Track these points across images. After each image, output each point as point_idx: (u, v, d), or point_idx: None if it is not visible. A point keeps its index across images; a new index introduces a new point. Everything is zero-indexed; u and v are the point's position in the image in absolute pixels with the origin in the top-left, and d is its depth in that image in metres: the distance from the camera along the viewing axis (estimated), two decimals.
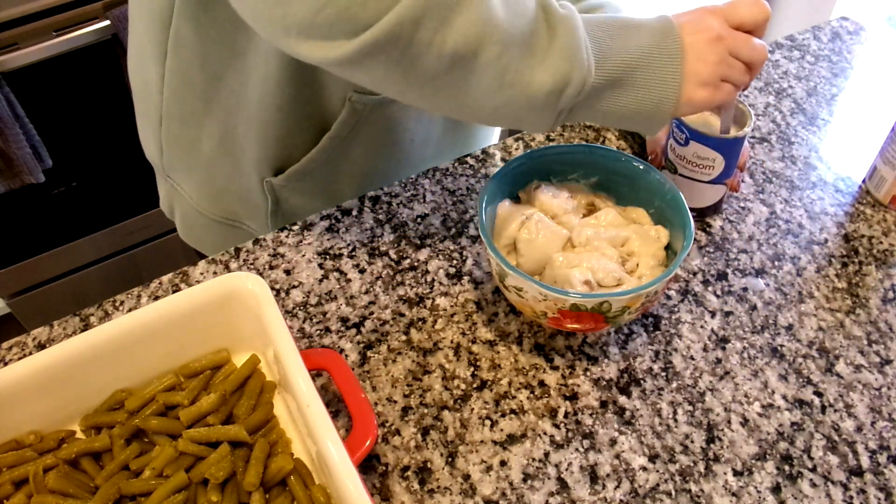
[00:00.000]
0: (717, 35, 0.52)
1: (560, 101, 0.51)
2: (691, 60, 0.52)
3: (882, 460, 0.54)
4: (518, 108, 0.51)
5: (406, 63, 0.48)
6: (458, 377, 0.59)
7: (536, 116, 0.52)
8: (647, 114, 0.54)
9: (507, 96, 0.50)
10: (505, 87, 0.50)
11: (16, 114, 1.21)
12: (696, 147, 0.65)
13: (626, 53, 0.51)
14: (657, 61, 0.52)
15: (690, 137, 0.65)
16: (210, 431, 0.50)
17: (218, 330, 0.56)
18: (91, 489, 0.49)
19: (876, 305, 0.65)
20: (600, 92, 0.52)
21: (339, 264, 0.68)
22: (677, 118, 0.64)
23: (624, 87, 0.52)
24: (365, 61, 0.48)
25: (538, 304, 0.54)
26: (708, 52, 0.52)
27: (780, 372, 0.60)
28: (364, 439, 0.49)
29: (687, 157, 0.67)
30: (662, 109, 0.53)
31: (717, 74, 0.53)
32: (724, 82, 0.54)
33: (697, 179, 0.68)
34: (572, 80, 0.50)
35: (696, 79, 0.53)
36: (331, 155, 0.72)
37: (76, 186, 1.40)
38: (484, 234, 0.56)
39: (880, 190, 0.74)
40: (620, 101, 0.53)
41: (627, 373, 0.60)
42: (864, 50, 0.96)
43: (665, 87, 0.52)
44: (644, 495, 0.52)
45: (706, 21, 0.53)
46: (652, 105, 0.53)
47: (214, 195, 0.81)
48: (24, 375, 0.50)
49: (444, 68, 0.49)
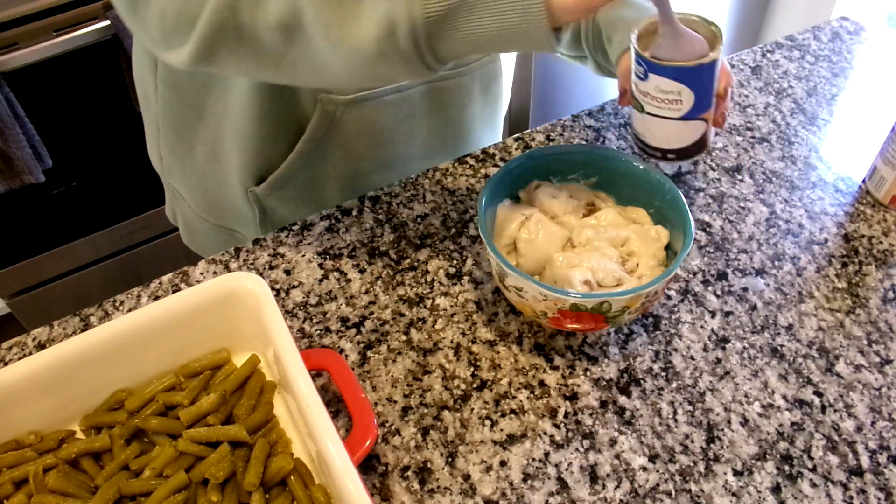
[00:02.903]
0: None
1: (398, 45, 0.45)
2: None
3: (882, 460, 0.54)
4: (365, 63, 0.47)
5: (247, 46, 0.48)
6: (458, 377, 0.59)
7: (394, 67, 0.47)
8: (517, 31, 0.45)
9: (345, 54, 0.47)
10: (337, 45, 0.46)
11: (16, 114, 1.21)
12: (657, 80, 0.57)
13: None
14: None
15: (648, 70, 0.57)
16: (210, 431, 0.50)
17: (218, 330, 0.56)
18: (91, 489, 0.49)
19: (876, 305, 0.65)
20: (444, 22, 0.45)
21: (339, 264, 0.68)
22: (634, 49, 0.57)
23: (470, 8, 0.44)
24: (211, 55, 0.49)
25: (538, 304, 0.54)
26: None
27: (780, 372, 0.60)
28: (364, 439, 0.49)
29: (650, 93, 0.58)
30: (533, 22, 0.44)
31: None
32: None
33: (666, 117, 0.59)
34: (397, 20, 0.44)
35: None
36: (309, 159, 0.72)
37: (76, 186, 1.40)
38: (484, 234, 0.56)
39: (880, 190, 0.74)
40: (475, 24, 0.45)
41: (627, 373, 0.60)
42: (864, 50, 0.96)
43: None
44: (644, 495, 0.52)
45: None
46: (517, 19, 0.44)
47: (210, 203, 0.81)
48: (24, 375, 0.50)
49: (281, 41, 0.47)
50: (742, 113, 0.86)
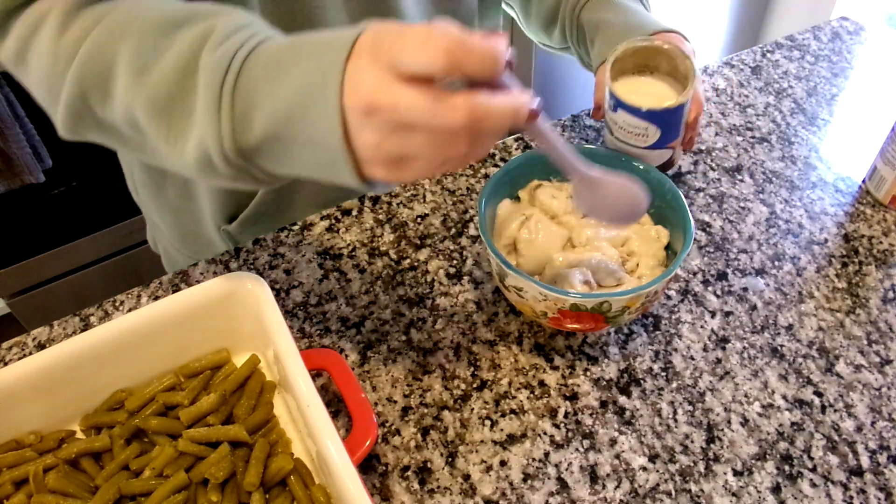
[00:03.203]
0: (368, 105, 0.36)
1: (216, 167, 0.43)
2: (352, 134, 0.38)
3: (882, 460, 0.54)
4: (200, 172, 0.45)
5: (107, 132, 0.48)
6: (458, 377, 0.59)
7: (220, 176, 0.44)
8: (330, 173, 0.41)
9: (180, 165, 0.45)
10: (171, 152, 0.45)
11: (16, 114, 1.21)
12: (625, 116, 0.59)
13: (276, 104, 0.40)
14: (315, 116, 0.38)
15: (617, 105, 0.59)
16: (210, 431, 0.50)
17: (218, 330, 0.56)
18: (91, 489, 0.49)
19: (876, 305, 0.65)
20: (258, 152, 0.42)
21: (339, 264, 0.68)
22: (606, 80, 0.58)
23: (283, 144, 0.41)
24: (80, 135, 0.49)
25: (538, 304, 0.54)
26: (363, 128, 0.37)
27: (780, 372, 0.60)
28: (364, 439, 0.49)
29: (618, 124, 0.61)
30: (343, 173, 0.40)
31: (385, 155, 0.38)
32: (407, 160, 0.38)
33: (633, 145, 0.62)
34: (209, 147, 0.41)
35: (363, 158, 0.39)
36: (279, 194, 0.71)
37: (76, 186, 1.40)
38: (484, 234, 0.56)
39: (880, 190, 0.74)
40: (290, 159, 0.42)
41: (627, 373, 0.60)
42: (864, 50, 0.96)
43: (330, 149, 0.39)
44: (644, 495, 0.52)
45: (362, 78, 0.36)
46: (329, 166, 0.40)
47: (186, 236, 0.81)
48: (24, 375, 0.50)
49: (135, 135, 0.46)
50: (742, 113, 0.86)
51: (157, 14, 0.44)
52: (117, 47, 0.44)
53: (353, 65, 0.37)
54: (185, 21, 0.44)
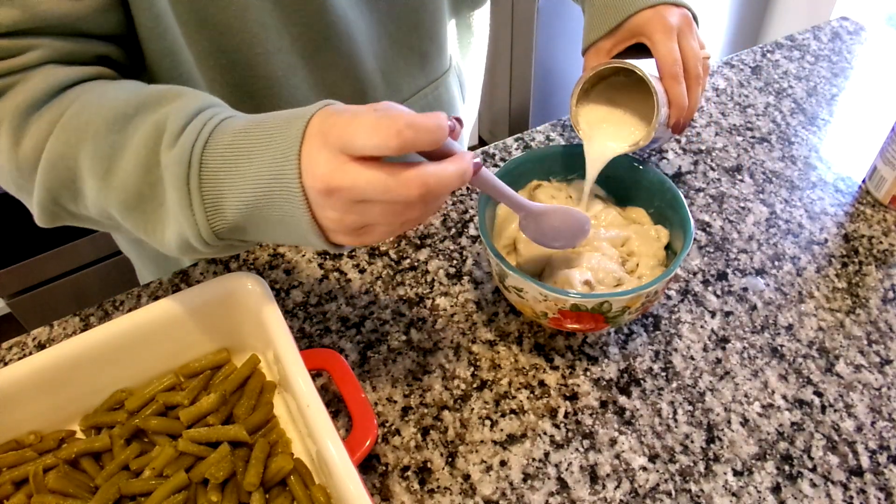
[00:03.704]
0: (326, 188, 0.39)
1: (198, 251, 0.45)
2: (315, 209, 0.41)
3: (882, 460, 0.54)
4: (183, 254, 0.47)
5: (84, 221, 0.50)
6: (458, 377, 0.59)
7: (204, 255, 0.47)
8: (303, 243, 0.45)
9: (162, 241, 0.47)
10: (152, 241, 0.47)
11: None
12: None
13: (243, 193, 0.42)
14: (280, 198, 0.41)
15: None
16: (210, 431, 0.50)
17: (218, 330, 0.56)
18: (91, 489, 0.49)
19: (876, 305, 0.65)
20: (235, 233, 0.44)
21: (339, 264, 0.68)
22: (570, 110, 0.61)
23: (257, 225, 0.43)
24: (55, 224, 0.51)
25: (538, 305, 0.54)
26: (324, 206, 0.40)
27: (780, 372, 0.60)
28: (364, 439, 0.49)
29: None
30: (315, 244, 0.43)
31: (348, 226, 0.41)
32: (368, 227, 0.42)
33: None
34: (188, 236, 0.44)
35: (328, 229, 0.42)
36: None
37: None
38: (484, 234, 0.56)
39: (880, 190, 0.74)
40: (265, 236, 0.45)
41: (627, 373, 0.60)
42: (864, 50, 0.96)
43: (300, 226, 0.42)
44: (644, 495, 0.52)
45: (316, 162, 0.39)
46: (301, 239, 0.44)
47: None
48: (24, 375, 0.50)
49: (111, 223, 0.49)
50: (742, 113, 0.86)
51: (107, 111, 0.45)
52: (76, 153, 0.45)
53: (306, 150, 0.40)
54: (135, 112, 0.45)
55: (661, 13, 0.59)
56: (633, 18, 0.60)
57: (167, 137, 0.43)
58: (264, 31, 0.57)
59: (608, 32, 0.61)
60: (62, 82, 0.47)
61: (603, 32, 0.61)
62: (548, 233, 0.55)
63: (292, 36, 0.59)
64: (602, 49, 0.63)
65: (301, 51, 0.61)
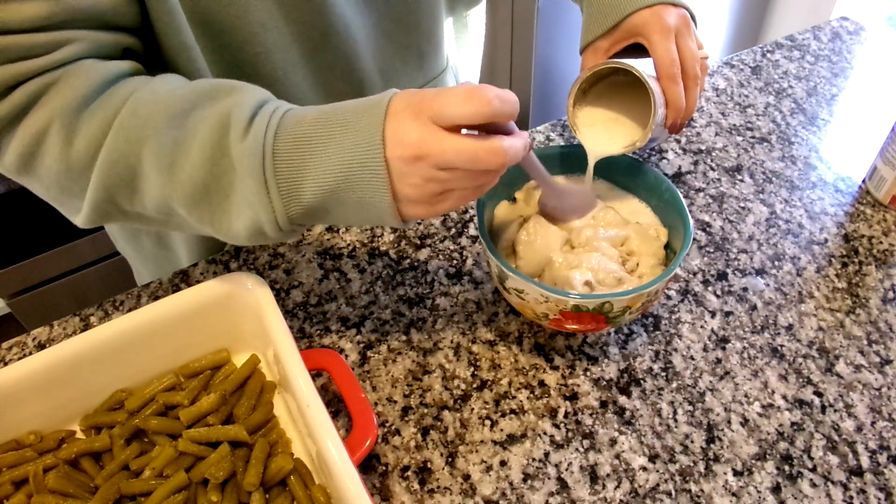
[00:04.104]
0: (415, 154, 0.42)
1: (268, 237, 0.47)
2: (396, 181, 0.44)
3: (882, 460, 0.54)
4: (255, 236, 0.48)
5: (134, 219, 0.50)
6: (458, 377, 0.59)
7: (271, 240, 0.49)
8: (374, 222, 0.48)
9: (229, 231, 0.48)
10: (216, 232, 0.48)
11: None
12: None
13: (323, 178, 0.44)
14: (362, 179, 0.44)
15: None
16: (210, 431, 0.50)
17: (218, 330, 0.56)
18: (91, 489, 0.49)
19: (876, 305, 0.65)
20: (308, 218, 0.47)
21: (339, 264, 0.68)
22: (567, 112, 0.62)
23: (332, 209, 0.46)
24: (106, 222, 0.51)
25: (539, 306, 0.54)
26: (409, 174, 0.43)
27: (780, 372, 0.60)
28: (364, 439, 0.49)
29: None
30: (387, 221, 0.46)
31: (428, 193, 0.44)
32: (445, 193, 0.45)
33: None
34: (262, 223, 0.46)
35: (406, 199, 0.45)
36: None
37: None
38: (483, 237, 0.56)
39: (880, 190, 0.74)
40: (338, 218, 0.47)
41: (627, 373, 0.60)
42: (864, 50, 0.96)
43: (378, 205, 0.45)
44: (644, 495, 0.52)
45: (407, 132, 0.42)
46: (375, 218, 0.46)
47: None
48: (24, 375, 0.50)
49: (164, 221, 0.50)
50: (742, 113, 0.86)
51: (165, 107, 0.46)
52: (139, 150, 0.45)
53: (391, 126, 0.43)
54: (193, 107, 0.46)
55: (659, 13, 0.59)
56: (630, 18, 0.60)
57: (235, 130, 0.44)
58: (264, 31, 0.57)
59: (606, 32, 0.61)
60: (106, 78, 0.47)
61: (600, 32, 0.62)
62: (566, 208, 0.60)
63: (292, 35, 0.59)
64: (600, 49, 0.63)
65: (300, 49, 0.61)
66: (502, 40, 1.56)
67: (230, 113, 0.45)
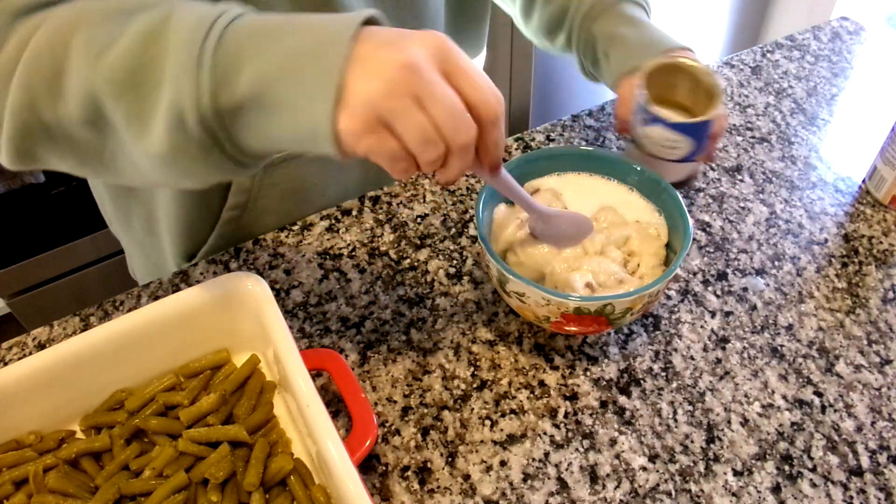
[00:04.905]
0: (410, 63, 0.37)
1: (188, 131, 0.40)
2: (354, 76, 0.37)
3: (882, 460, 0.54)
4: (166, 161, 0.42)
5: (62, 144, 0.44)
6: (458, 377, 0.59)
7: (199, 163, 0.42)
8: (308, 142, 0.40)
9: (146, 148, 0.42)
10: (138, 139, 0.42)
11: None
12: (661, 130, 0.63)
13: (267, 62, 0.38)
14: (307, 72, 0.38)
15: (653, 121, 0.63)
16: (210, 431, 0.50)
17: (218, 330, 0.56)
18: (91, 489, 0.49)
19: (876, 305, 0.65)
20: (232, 116, 0.40)
21: (339, 264, 0.68)
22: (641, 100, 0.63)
23: (265, 106, 0.39)
24: (30, 155, 0.45)
25: (540, 309, 0.54)
26: (385, 72, 0.37)
27: (780, 372, 0.60)
28: (364, 439, 0.49)
29: (652, 138, 0.64)
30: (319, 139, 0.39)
31: (382, 109, 0.37)
32: (386, 130, 0.38)
33: (664, 158, 0.66)
34: (184, 106, 0.39)
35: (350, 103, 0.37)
36: (238, 226, 0.70)
37: (76, 186, 1.40)
38: (483, 240, 0.56)
39: (880, 190, 0.74)
40: (269, 125, 0.40)
41: (627, 373, 0.60)
42: (864, 50, 0.96)
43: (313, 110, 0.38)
44: (644, 495, 0.52)
45: (410, 44, 0.37)
46: (306, 131, 0.39)
47: (153, 272, 0.81)
48: (24, 375, 0.50)
49: (93, 136, 0.43)
50: (742, 113, 0.86)
51: (107, 6, 0.42)
52: (67, 41, 0.41)
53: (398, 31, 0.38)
54: (141, 9, 0.42)
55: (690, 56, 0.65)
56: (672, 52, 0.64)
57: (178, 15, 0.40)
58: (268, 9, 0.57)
59: None
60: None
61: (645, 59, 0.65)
62: (555, 235, 0.57)
63: None
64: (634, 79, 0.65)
65: None
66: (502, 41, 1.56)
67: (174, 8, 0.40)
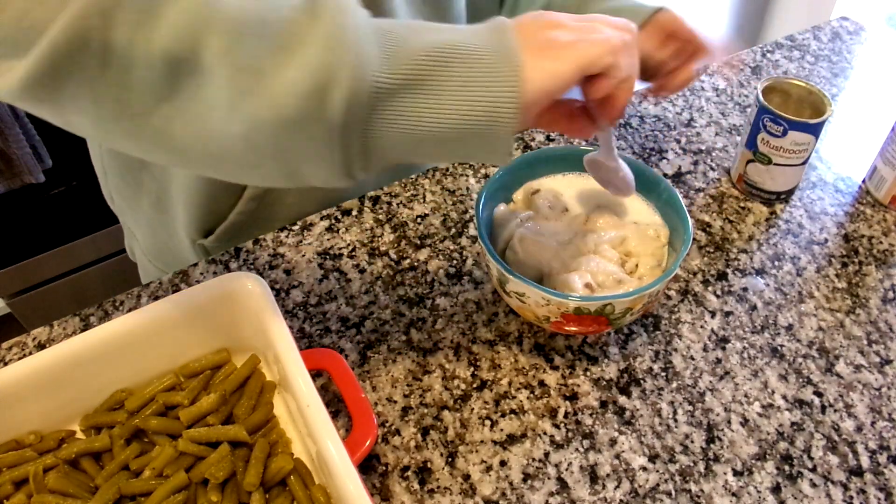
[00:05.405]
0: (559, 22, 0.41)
1: (326, 109, 0.35)
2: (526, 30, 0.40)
3: (882, 460, 0.54)
4: (275, 131, 0.36)
5: (110, 79, 0.35)
6: (458, 377, 0.59)
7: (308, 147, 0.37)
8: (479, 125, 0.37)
9: (252, 112, 0.35)
10: (245, 95, 0.35)
11: (16, 114, 1.21)
12: (795, 135, 0.68)
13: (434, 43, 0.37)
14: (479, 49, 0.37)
15: (789, 128, 0.67)
16: (210, 431, 0.50)
17: (218, 330, 0.56)
18: (91, 489, 0.49)
19: (876, 305, 0.65)
20: (395, 94, 0.36)
21: (339, 264, 0.68)
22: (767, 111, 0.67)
23: (432, 86, 0.36)
24: (55, 82, 0.34)
25: (540, 309, 0.54)
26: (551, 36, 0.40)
27: (780, 372, 0.60)
28: (364, 439, 0.49)
29: (784, 147, 0.69)
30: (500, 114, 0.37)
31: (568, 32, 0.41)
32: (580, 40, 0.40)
33: (792, 164, 0.70)
34: (337, 74, 0.34)
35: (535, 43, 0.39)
36: (261, 204, 0.69)
37: (76, 186, 1.40)
38: (483, 240, 0.56)
39: (880, 190, 0.74)
40: (433, 108, 0.37)
41: (627, 373, 0.60)
42: (864, 50, 0.96)
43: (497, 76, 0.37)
44: (644, 495, 0.52)
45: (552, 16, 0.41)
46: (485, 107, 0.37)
47: (159, 249, 0.79)
48: (24, 375, 0.50)
49: (162, 81, 0.35)
50: (742, 113, 0.86)
51: None
52: None
53: None
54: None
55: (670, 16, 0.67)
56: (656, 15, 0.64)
57: None
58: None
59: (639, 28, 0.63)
60: None
61: None
62: (610, 181, 0.59)
63: None
64: None
65: None
66: None
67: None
